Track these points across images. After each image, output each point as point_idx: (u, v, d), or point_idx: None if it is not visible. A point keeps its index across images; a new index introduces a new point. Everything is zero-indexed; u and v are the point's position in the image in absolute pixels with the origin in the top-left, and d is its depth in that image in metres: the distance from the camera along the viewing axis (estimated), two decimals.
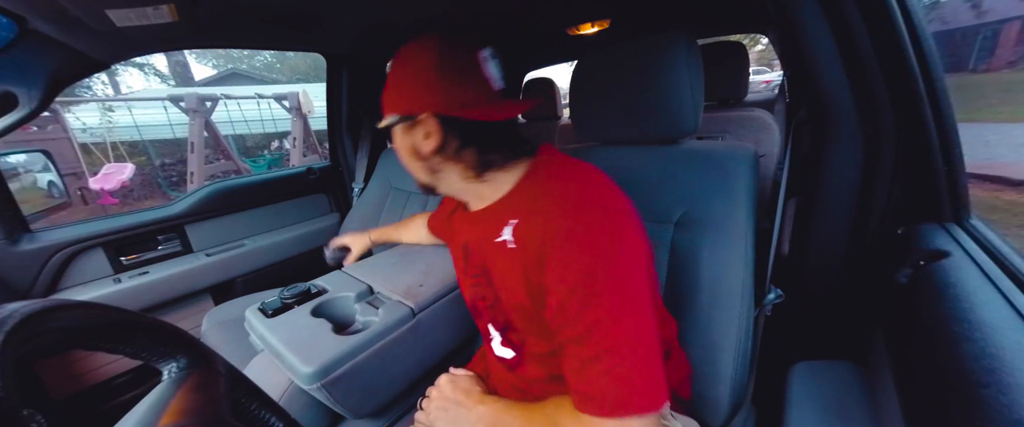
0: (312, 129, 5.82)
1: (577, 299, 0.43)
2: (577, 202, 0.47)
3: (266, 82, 13.65)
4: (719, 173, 0.70)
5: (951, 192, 0.64)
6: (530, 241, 0.48)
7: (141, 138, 7.36)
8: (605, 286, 0.43)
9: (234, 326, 1.14)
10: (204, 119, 4.87)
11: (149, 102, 7.21)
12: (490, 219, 0.55)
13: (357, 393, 0.75)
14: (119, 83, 13.61)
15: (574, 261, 0.43)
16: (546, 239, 0.45)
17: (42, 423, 0.23)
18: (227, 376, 0.37)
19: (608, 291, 0.43)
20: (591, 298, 0.42)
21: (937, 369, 0.43)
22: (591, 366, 0.42)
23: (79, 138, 6.61)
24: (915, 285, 0.56)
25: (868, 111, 0.70)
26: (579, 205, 0.47)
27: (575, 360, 0.44)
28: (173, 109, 5.75)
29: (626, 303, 0.43)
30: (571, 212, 0.46)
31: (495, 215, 0.55)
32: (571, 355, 0.44)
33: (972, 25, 7.77)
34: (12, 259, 1.08)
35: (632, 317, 0.43)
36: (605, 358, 0.42)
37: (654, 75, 0.69)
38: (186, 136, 5.01)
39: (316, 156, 5.89)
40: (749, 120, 1.47)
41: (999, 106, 4.26)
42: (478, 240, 0.57)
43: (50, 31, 0.86)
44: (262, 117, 7.41)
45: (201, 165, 4.86)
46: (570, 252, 0.44)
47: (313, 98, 5.41)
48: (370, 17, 1.20)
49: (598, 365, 0.42)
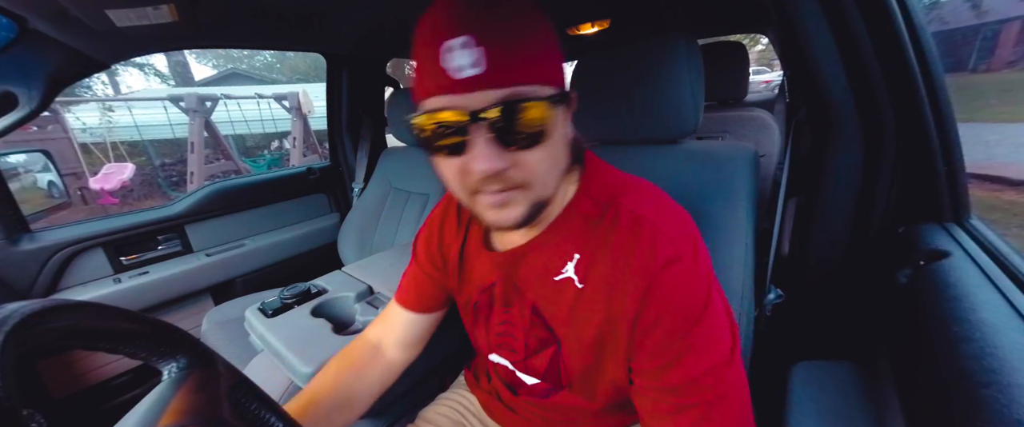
0: (312, 129, 5.81)
1: (680, 344, 0.39)
2: (675, 235, 0.42)
3: (266, 82, 13.65)
4: (719, 173, 0.70)
5: (951, 192, 0.64)
6: (621, 271, 0.42)
7: (141, 138, 7.35)
8: (709, 331, 0.40)
9: (234, 326, 1.14)
10: (204, 119, 4.87)
11: (149, 102, 7.21)
12: (538, 253, 0.47)
13: None
14: (119, 83, 13.64)
15: (682, 303, 0.39)
16: (652, 275, 0.40)
17: (42, 423, 0.23)
18: (227, 376, 0.37)
19: (713, 336, 0.40)
20: (696, 344, 0.39)
21: (937, 369, 0.43)
22: (704, 415, 0.39)
23: (79, 138, 6.62)
24: (915, 285, 0.56)
25: (868, 111, 0.70)
26: (674, 237, 0.41)
27: (675, 406, 0.40)
28: (173, 109, 5.75)
29: (732, 353, 0.40)
30: (671, 241, 0.41)
31: (545, 248, 0.47)
32: (667, 402, 0.40)
33: (972, 25, 7.77)
34: (12, 259, 1.08)
35: (735, 368, 0.40)
36: (719, 406, 0.39)
37: (654, 75, 0.69)
38: (186, 136, 5.01)
39: (316, 156, 5.88)
40: (749, 120, 1.47)
41: (999, 106, 4.26)
42: (527, 278, 0.49)
43: (50, 31, 0.86)
44: (262, 117, 7.41)
45: (201, 165, 4.86)
46: (678, 294, 0.40)
47: (313, 98, 5.41)
48: (370, 17, 1.20)
49: (712, 415, 0.39)
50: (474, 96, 0.34)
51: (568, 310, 0.46)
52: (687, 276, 0.40)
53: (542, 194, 0.41)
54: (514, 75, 0.35)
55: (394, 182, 1.50)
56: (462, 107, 0.35)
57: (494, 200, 0.39)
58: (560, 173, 0.42)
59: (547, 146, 0.38)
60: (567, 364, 0.50)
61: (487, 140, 0.35)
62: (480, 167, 0.36)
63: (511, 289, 0.51)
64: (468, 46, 0.33)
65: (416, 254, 0.65)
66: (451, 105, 0.35)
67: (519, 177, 0.38)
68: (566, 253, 0.46)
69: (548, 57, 0.37)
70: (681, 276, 0.40)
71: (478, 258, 0.54)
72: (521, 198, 0.39)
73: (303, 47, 1.49)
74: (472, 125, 0.35)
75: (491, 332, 0.56)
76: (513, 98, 0.35)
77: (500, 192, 0.38)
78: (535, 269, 0.48)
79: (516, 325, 0.52)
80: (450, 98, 0.35)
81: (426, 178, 1.36)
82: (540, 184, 0.40)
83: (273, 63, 18.27)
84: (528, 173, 0.38)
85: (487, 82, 0.34)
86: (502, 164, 0.36)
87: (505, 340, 0.54)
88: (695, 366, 0.39)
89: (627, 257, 0.41)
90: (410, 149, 1.48)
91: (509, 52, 0.34)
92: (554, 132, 0.38)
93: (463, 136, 0.36)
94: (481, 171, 0.36)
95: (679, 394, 0.40)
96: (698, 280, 0.41)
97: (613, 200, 0.45)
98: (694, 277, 0.41)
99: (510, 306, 0.52)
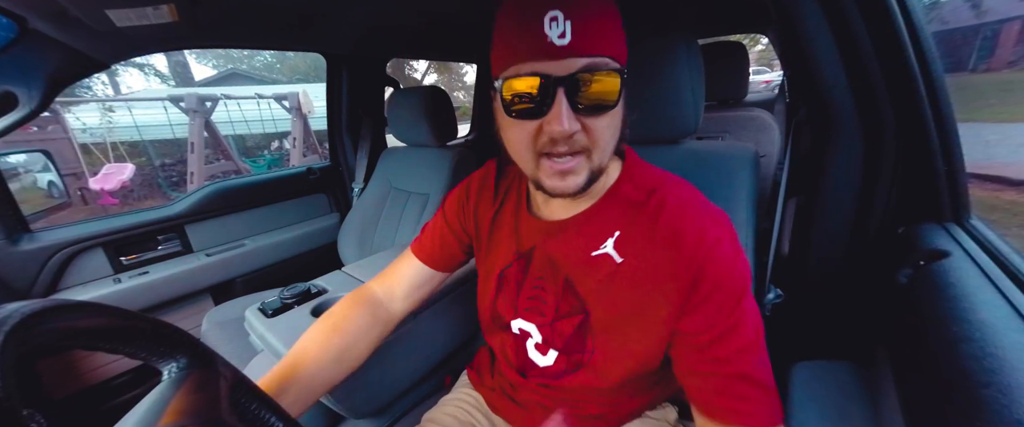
0: (312, 129, 5.80)
1: (727, 318, 0.44)
2: (720, 218, 0.47)
3: (266, 82, 13.64)
4: (719, 173, 0.70)
5: (951, 192, 0.64)
6: (665, 251, 0.46)
7: (141, 138, 7.34)
8: (747, 306, 0.44)
9: (234, 326, 1.14)
10: (204, 119, 4.87)
11: (149, 102, 7.20)
12: (579, 229, 0.52)
13: (357, 393, 0.75)
14: (119, 83, 13.63)
15: (729, 280, 0.44)
16: (703, 246, 0.45)
17: (42, 423, 0.23)
18: (227, 376, 0.37)
19: (750, 310, 0.45)
20: (740, 319, 0.44)
21: (937, 369, 0.43)
22: (738, 384, 0.43)
23: (79, 138, 6.61)
24: (915, 285, 0.56)
25: (868, 111, 0.70)
26: (719, 220, 0.47)
27: (717, 377, 0.44)
28: (173, 109, 5.75)
29: (760, 328, 0.45)
30: (716, 223, 0.46)
31: (587, 225, 0.51)
32: (710, 373, 0.45)
33: (972, 25, 7.77)
34: (12, 259, 1.08)
35: (761, 346, 0.45)
36: (752, 375, 0.43)
37: (654, 75, 0.69)
38: (186, 136, 5.02)
39: (316, 156, 5.88)
40: (749, 120, 1.47)
41: (999, 106, 4.26)
42: (563, 250, 0.53)
43: (50, 31, 0.86)
44: (262, 117, 7.40)
45: (201, 165, 4.86)
46: (726, 272, 0.44)
47: (313, 98, 5.41)
48: (370, 17, 1.20)
49: (744, 383, 0.43)
50: (561, 63, 0.39)
51: (602, 283, 0.50)
52: (732, 256, 0.45)
53: (600, 163, 0.45)
54: (595, 46, 0.40)
55: (394, 182, 1.50)
56: (549, 72, 0.40)
57: (560, 167, 0.44)
58: (614, 147, 0.47)
59: (612, 115, 0.43)
60: (594, 332, 0.53)
61: (566, 103, 0.40)
62: (558, 127, 0.40)
63: (545, 257, 0.54)
64: (557, 19, 0.38)
65: (445, 210, 0.68)
66: (540, 70, 0.40)
67: (584, 142, 0.43)
68: (607, 230, 0.50)
69: (619, 34, 0.43)
70: (728, 256, 0.45)
71: (518, 224, 0.58)
72: (584, 166, 0.44)
73: (303, 47, 1.49)
74: (557, 87, 0.40)
75: (521, 296, 0.58)
76: (593, 67, 0.40)
77: (566, 157, 0.43)
78: (573, 243, 0.52)
79: (548, 291, 0.55)
80: (540, 64, 0.40)
81: (426, 178, 1.36)
82: (600, 152, 0.44)
83: (273, 63, 18.25)
84: (593, 139, 0.43)
85: (571, 50, 0.39)
86: (576, 126, 0.41)
87: (535, 304, 0.57)
88: (735, 342, 0.44)
89: (677, 238, 0.46)
90: (410, 149, 1.48)
91: (591, 26, 0.39)
92: (619, 103, 0.43)
93: (545, 98, 0.40)
94: (559, 131, 0.40)
95: (721, 364, 0.44)
96: (741, 260, 0.46)
97: (657, 188, 0.50)
98: (738, 256, 0.45)
99: (544, 273, 0.55)
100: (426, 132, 1.30)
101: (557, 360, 0.57)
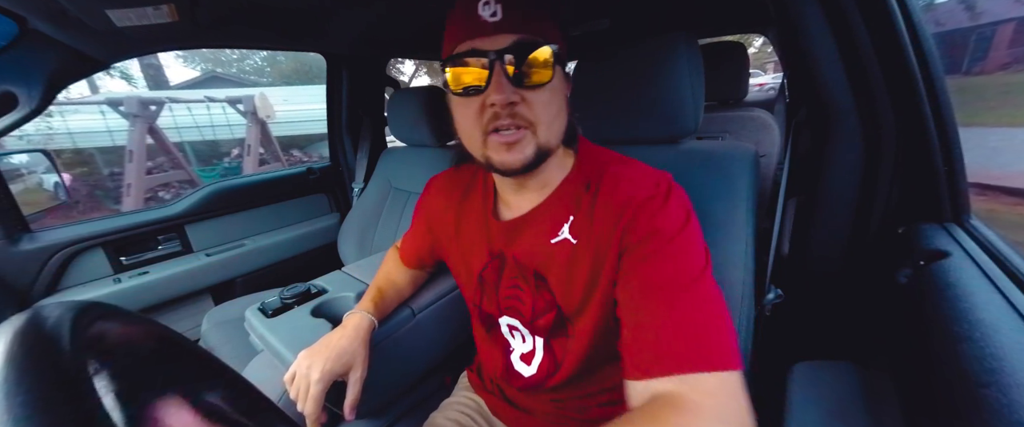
0: (272, 135, 5.30)
1: (660, 253, 0.45)
2: (648, 183, 0.49)
3: (247, 86, 13.08)
4: (719, 173, 0.70)
5: (951, 192, 0.64)
6: (604, 220, 0.49)
7: (75, 145, 6.74)
8: (686, 250, 0.45)
9: (234, 326, 1.14)
10: (147, 125, 4.35)
11: (86, 107, 6.41)
12: (539, 220, 0.54)
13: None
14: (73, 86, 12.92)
15: (660, 226, 0.46)
16: (632, 204, 0.47)
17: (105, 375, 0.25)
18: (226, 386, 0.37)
19: (688, 254, 0.45)
20: (670, 258, 0.44)
21: (937, 369, 0.43)
22: (663, 325, 0.41)
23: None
24: (915, 285, 0.56)
25: (868, 111, 0.70)
26: (647, 184, 0.49)
27: (642, 326, 0.43)
28: (112, 114, 5.21)
29: (703, 272, 0.44)
30: (654, 186, 0.49)
31: (545, 215, 0.53)
32: (637, 324, 0.43)
33: (967, 27, 7.79)
34: (12, 259, 1.08)
35: (707, 282, 0.44)
36: (678, 315, 0.41)
37: (654, 75, 0.69)
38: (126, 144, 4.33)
39: (279, 165, 5.41)
40: (749, 120, 1.47)
41: (999, 109, 4.25)
42: (527, 247, 0.55)
43: (50, 31, 0.86)
44: (230, 122, 6.79)
45: (141, 176, 4.26)
46: (657, 219, 0.46)
47: (281, 101, 4.99)
48: (370, 17, 1.20)
49: (669, 323, 0.41)
50: (493, 38, 0.43)
51: (564, 268, 0.52)
52: (661, 208, 0.47)
53: (547, 140, 0.48)
54: (525, 25, 0.44)
55: (394, 182, 1.50)
56: (484, 47, 0.44)
57: (505, 139, 0.46)
58: (561, 128, 0.50)
59: (550, 90, 0.46)
60: (571, 323, 0.55)
61: (503, 74, 0.43)
62: (497, 95, 0.43)
63: (513, 260, 0.57)
64: (489, 2, 0.43)
65: (418, 215, 0.76)
66: (476, 46, 0.44)
67: (527, 115, 0.45)
68: (563, 217, 0.52)
69: (552, 22, 0.47)
70: (657, 208, 0.47)
71: (487, 226, 0.60)
72: (530, 140, 0.46)
73: (303, 47, 1.49)
74: (493, 62, 0.43)
75: (501, 295, 0.60)
76: (524, 41, 0.44)
77: (511, 130, 0.45)
78: (536, 235, 0.54)
79: (524, 291, 0.57)
80: (475, 41, 0.44)
81: (426, 178, 1.36)
82: (545, 128, 0.47)
83: (263, 67, 17.94)
84: (534, 113, 0.46)
85: (502, 27, 0.43)
86: (514, 97, 0.44)
87: (513, 303, 0.59)
88: (668, 265, 0.44)
89: (609, 205, 0.49)
90: (410, 149, 1.48)
91: (520, 8, 0.44)
92: (556, 81, 0.46)
93: (484, 71, 0.44)
94: (498, 98, 0.43)
95: (652, 285, 0.44)
96: (671, 211, 0.47)
97: (602, 169, 0.53)
98: (667, 209, 0.47)
99: (516, 273, 0.57)
100: (426, 132, 1.30)
101: (540, 367, 0.59)
